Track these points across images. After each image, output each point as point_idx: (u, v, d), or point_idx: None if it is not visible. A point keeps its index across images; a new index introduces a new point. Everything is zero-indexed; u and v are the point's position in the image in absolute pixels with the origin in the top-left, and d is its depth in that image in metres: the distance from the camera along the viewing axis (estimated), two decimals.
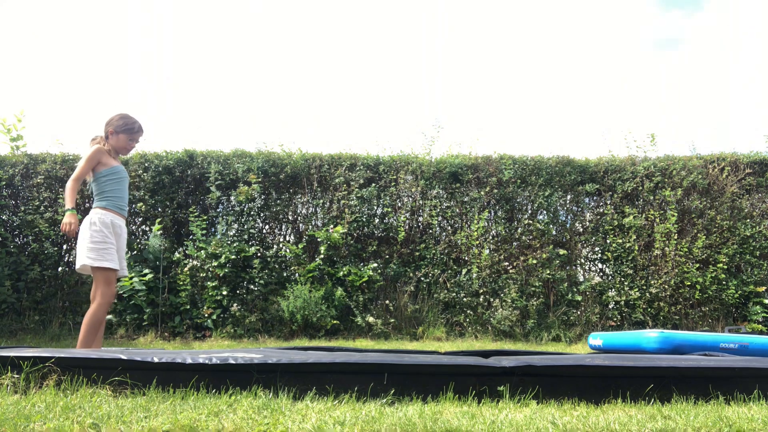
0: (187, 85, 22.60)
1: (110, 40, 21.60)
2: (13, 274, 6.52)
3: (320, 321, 6.24)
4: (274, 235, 7.22)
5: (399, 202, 7.11)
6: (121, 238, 3.65)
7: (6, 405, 2.12)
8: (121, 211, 3.66)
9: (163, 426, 1.86)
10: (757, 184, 7.16)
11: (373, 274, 6.59)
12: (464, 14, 20.23)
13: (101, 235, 3.47)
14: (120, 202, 3.64)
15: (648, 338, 4.38)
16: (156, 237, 6.54)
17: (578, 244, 7.14)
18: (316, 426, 1.91)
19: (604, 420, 2.08)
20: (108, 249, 3.48)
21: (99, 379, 2.48)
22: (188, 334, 6.28)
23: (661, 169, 7.15)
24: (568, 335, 6.49)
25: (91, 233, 3.47)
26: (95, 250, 3.45)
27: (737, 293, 6.75)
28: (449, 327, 6.62)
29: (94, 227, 3.48)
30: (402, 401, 2.42)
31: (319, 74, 21.19)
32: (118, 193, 3.63)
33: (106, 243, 3.48)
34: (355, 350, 3.84)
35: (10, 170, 6.86)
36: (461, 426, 1.95)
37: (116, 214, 3.61)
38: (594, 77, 22.39)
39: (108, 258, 3.47)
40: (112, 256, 3.50)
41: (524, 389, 2.52)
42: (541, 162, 7.13)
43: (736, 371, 2.71)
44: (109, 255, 3.48)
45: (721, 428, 2.02)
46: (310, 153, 7.15)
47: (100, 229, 3.48)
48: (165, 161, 6.91)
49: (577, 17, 21.35)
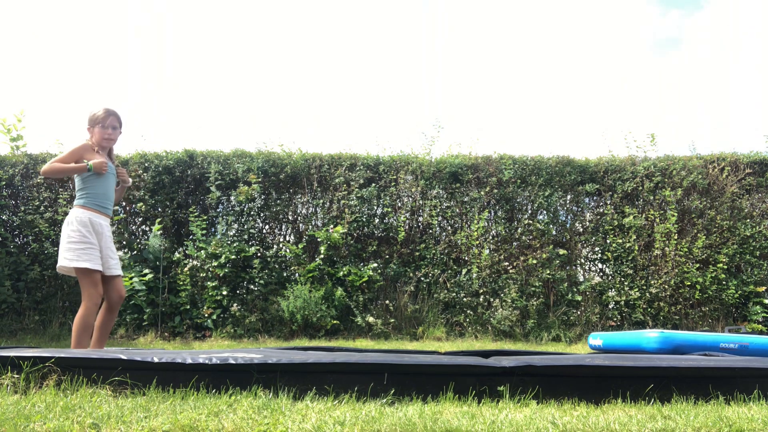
0: (187, 85, 22.59)
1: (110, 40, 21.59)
2: (13, 274, 6.52)
3: (320, 321, 6.24)
4: (274, 235, 7.22)
5: (399, 202, 7.11)
6: (104, 237, 3.49)
7: (6, 405, 2.12)
8: (102, 209, 3.52)
9: (163, 426, 1.86)
10: (757, 184, 7.16)
11: (373, 274, 6.59)
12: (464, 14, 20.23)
13: (78, 235, 3.36)
14: (100, 200, 3.50)
15: (648, 338, 4.38)
16: (156, 237, 6.54)
17: (578, 244, 7.14)
18: (316, 426, 1.91)
19: (604, 420, 2.08)
20: (87, 249, 3.36)
21: (99, 379, 2.48)
22: (188, 334, 6.28)
23: (661, 169, 7.15)
24: (568, 335, 6.49)
25: (69, 233, 3.38)
26: (72, 250, 3.34)
27: (737, 293, 6.74)
28: (449, 327, 6.62)
29: (71, 227, 3.38)
30: (402, 401, 2.42)
31: (319, 74, 21.18)
32: (99, 189, 3.49)
33: (84, 242, 3.36)
34: (355, 350, 3.84)
35: (10, 170, 6.86)
36: (461, 426, 1.95)
37: (96, 212, 3.47)
38: (594, 77, 22.38)
39: (85, 258, 3.34)
40: (91, 256, 3.37)
41: (524, 389, 2.52)
42: (541, 162, 7.13)
43: (736, 371, 2.71)
44: (87, 255, 3.35)
45: (721, 428, 2.02)
46: (310, 153, 7.15)
47: (77, 228, 3.37)
48: (165, 161, 6.91)
49: (577, 17, 21.34)
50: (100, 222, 3.50)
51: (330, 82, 21.75)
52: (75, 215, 3.43)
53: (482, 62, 20.77)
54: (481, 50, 21.35)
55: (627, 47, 23.67)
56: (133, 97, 20.75)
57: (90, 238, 3.40)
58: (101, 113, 3.55)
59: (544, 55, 20.62)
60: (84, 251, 3.36)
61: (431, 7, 22.08)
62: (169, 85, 22.21)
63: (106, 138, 3.56)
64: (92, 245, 3.40)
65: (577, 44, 22.21)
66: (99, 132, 3.54)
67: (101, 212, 3.52)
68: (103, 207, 3.53)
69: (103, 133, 3.54)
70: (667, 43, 24.77)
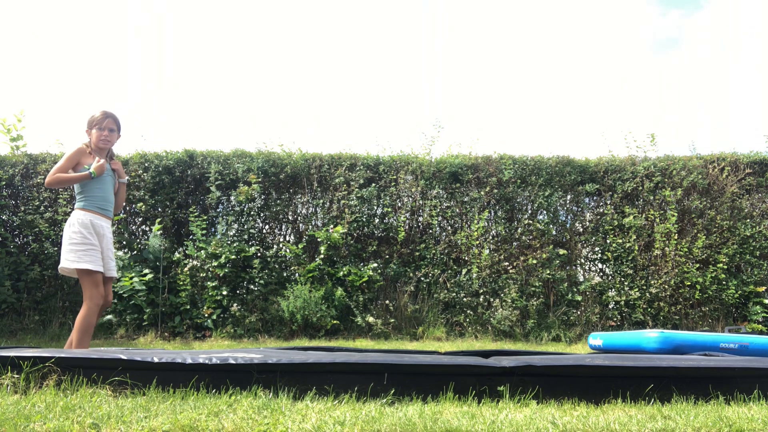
0: (187, 85, 22.59)
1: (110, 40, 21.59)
2: (13, 274, 6.52)
3: (320, 321, 6.24)
4: (274, 235, 7.22)
5: (399, 202, 7.11)
6: (105, 239, 3.57)
7: (6, 405, 2.12)
8: (103, 211, 3.59)
9: (163, 426, 1.86)
10: (757, 184, 7.16)
11: (373, 274, 6.59)
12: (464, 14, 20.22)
13: (80, 236, 3.43)
14: (100, 202, 3.57)
15: (648, 338, 4.38)
16: (156, 237, 6.54)
17: (578, 244, 7.14)
18: (316, 426, 1.91)
19: (604, 420, 2.08)
20: (88, 250, 3.43)
21: (99, 379, 2.48)
22: (188, 334, 6.28)
23: (661, 169, 7.15)
24: (568, 335, 6.49)
25: (70, 234, 3.45)
26: (74, 252, 3.41)
27: (737, 293, 6.74)
28: (449, 327, 6.62)
29: (73, 228, 3.45)
30: (402, 401, 2.42)
31: (319, 74, 21.19)
32: (98, 192, 3.56)
33: (85, 244, 3.43)
34: (355, 350, 3.84)
35: (10, 170, 6.86)
36: (461, 426, 1.95)
37: (97, 214, 3.54)
38: (594, 77, 22.38)
39: (87, 259, 3.41)
40: (93, 257, 3.43)
41: (524, 389, 2.52)
42: (541, 162, 7.13)
43: (736, 371, 2.71)
44: (89, 256, 3.42)
45: (721, 428, 2.02)
46: (310, 153, 7.15)
47: (78, 230, 3.44)
48: (165, 161, 6.91)
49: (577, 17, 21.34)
50: (101, 224, 3.57)
51: (330, 82, 21.74)
52: (76, 217, 3.50)
53: (482, 62, 20.76)
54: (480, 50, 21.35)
55: (627, 47, 23.67)
56: (133, 97, 20.75)
57: (91, 239, 3.47)
58: (99, 115, 3.62)
59: (544, 55, 20.62)
60: (86, 252, 3.42)
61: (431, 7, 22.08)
62: (169, 85, 22.21)
63: (103, 140, 3.61)
64: (94, 246, 3.47)
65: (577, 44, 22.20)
66: (96, 134, 3.60)
67: (102, 214, 3.59)
68: (103, 209, 3.60)
69: (100, 135, 3.60)
70: (667, 43, 24.77)
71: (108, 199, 3.64)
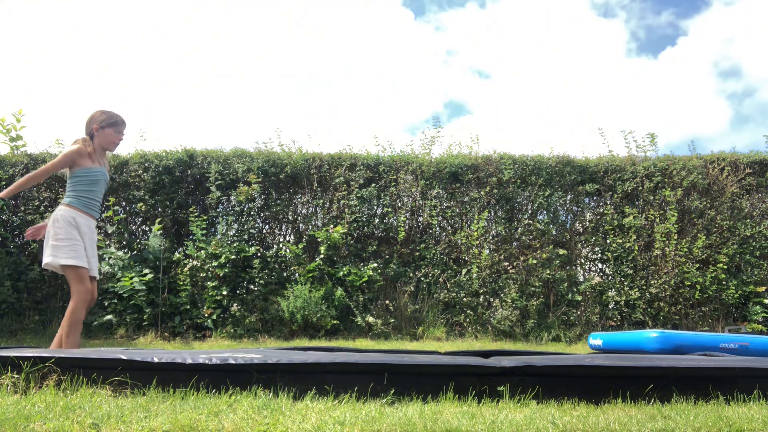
0: (187, 85, 22.61)
1: (110, 40, 21.60)
2: (13, 274, 6.52)
3: (320, 321, 6.23)
4: (274, 235, 7.22)
5: (399, 202, 7.11)
6: (88, 237, 3.56)
7: (6, 405, 2.12)
8: (90, 211, 3.59)
9: (163, 426, 1.86)
10: (757, 184, 7.16)
11: (373, 274, 6.59)
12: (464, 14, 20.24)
13: (64, 232, 3.42)
14: (89, 202, 3.58)
15: (648, 338, 4.38)
16: (156, 237, 6.54)
17: (578, 244, 7.14)
18: (316, 426, 1.91)
19: (604, 420, 2.08)
20: (73, 246, 3.42)
21: (99, 379, 2.48)
22: (188, 334, 6.28)
23: (661, 169, 7.15)
24: (568, 335, 6.49)
25: (54, 230, 3.44)
26: (59, 248, 3.40)
27: (737, 293, 6.74)
28: (449, 327, 6.62)
29: (57, 224, 3.45)
30: (402, 401, 2.42)
31: (319, 74, 21.20)
32: (89, 194, 3.57)
33: (70, 239, 3.42)
34: (355, 350, 3.84)
35: (10, 170, 6.86)
36: (461, 426, 1.95)
37: (82, 212, 3.54)
38: (594, 77, 22.39)
39: (72, 254, 3.40)
40: (77, 253, 3.43)
41: (524, 389, 2.52)
42: (541, 162, 7.13)
43: (736, 371, 2.71)
44: (74, 251, 3.41)
45: (721, 428, 2.02)
46: (310, 153, 7.15)
47: (62, 225, 3.43)
48: (165, 161, 6.91)
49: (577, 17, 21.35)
50: (87, 223, 3.57)
51: (330, 82, 21.77)
52: (60, 213, 3.49)
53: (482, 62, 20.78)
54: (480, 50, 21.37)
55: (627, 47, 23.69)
56: (133, 97, 20.77)
57: (75, 234, 3.46)
58: (118, 117, 3.66)
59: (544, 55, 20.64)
60: (70, 248, 3.42)
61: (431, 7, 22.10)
62: (169, 85, 22.22)
63: (117, 141, 3.68)
64: (78, 242, 3.46)
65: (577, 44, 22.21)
66: (111, 133, 3.64)
67: (87, 213, 3.59)
68: (89, 208, 3.60)
69: (115, 138, 3.67)
70: (667, 42, 24.78)
71: (96, 201, 3.64)
